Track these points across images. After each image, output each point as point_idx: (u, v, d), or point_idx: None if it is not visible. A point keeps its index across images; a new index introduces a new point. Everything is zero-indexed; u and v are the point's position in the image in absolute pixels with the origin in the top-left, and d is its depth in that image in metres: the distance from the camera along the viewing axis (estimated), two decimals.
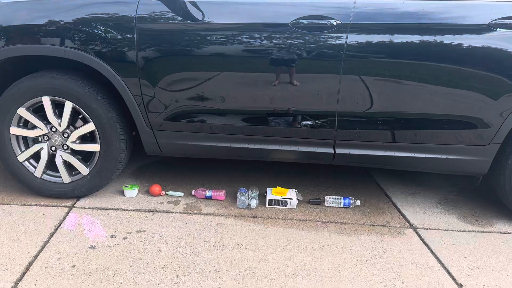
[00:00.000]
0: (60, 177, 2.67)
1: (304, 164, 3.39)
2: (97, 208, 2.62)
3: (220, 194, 2.83)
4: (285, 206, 2.77)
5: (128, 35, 2.38)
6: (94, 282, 1.94)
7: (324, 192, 2.97)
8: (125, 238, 2.31)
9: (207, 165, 3.34)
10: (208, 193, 2.82)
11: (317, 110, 2.49)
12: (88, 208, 2.62)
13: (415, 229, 2.60)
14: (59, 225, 2.41)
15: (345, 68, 2.36)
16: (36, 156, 2.67)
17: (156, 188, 2.83)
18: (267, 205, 2.76)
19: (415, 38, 2.31)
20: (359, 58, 2.36)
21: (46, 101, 2.51)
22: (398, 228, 2.59)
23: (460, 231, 2.60)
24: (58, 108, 2.58)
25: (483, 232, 2.61)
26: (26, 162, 2.67)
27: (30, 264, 2.05)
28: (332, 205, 2.82)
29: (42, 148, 2.62)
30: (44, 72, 2.52)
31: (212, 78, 2.44)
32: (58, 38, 2.40)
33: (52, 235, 2.30)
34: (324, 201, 2.84)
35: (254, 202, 2.74)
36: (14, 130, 2.59)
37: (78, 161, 2.63)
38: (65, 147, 2.62)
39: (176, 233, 2.39)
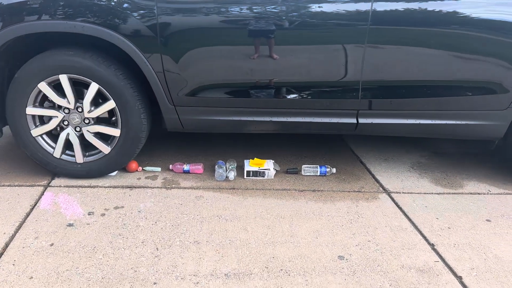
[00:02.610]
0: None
1: (280, 134, 3.41)
2: (73, 186, 2.59)
3: (198, 167, 2.84)
4: (263, 176, 2.80)
5: (149, 9, 2.30)
6: (74, 259, 1.94)
7: (301, 162, 3.01)
8: (103, 214, 2.31)
9: (184, 139, 3.32)
10: (186, 167, 2.82)
11: (342, 80, 2.49)
12: (64, 186, 2.59)
13: (389, 193, 2.67)
14: (35, 204, 2.38)
15: (370, 37, 2.36)
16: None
17: (132, 164, 2.81)
18: (245, 177, 2.79)
19: (441, 7, 2.33)
20: (385, 26, 2.36)
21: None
22: (372, 193, 2.67)
23: (432, 193, 2.69)
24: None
25: (454, 193, 2.71)
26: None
27: (7, 245, 2.03)
28: (308, 174, 2.86)
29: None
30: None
31: (237, 51, 2.42)
32: (76, 13, 2.31)
33: (28, 214, 2.28)
34: (301, 170, 2.88)
35: (232, 174, 2.75)
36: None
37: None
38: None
39: (155, 207, 2.39)
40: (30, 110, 2.50)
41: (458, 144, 3.49)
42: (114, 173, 2.76)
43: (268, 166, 2.82)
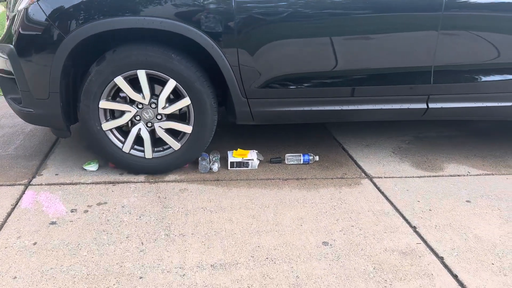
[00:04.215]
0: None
1: (263, 124, 3.41)
2: (54, 184, 2.56)
3: None
4: (247, 167, 2.80)
5: (226, 3, 2.34)
6: (58, 257, 1.93)
7: (284, 151, 3.02)
8: (86, 211, 2.29)
9: None
10: None
11: (414, 66, 2.56)
12: (45, 184, 2.56)
13: (371, 178, 2.71)
14: (16, 204, 2.34)
15: (443, 23, 2.44)
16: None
17: None
18: (229, 168, 2.79)
19: None
20: (457, 13, 2.46)
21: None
22: (355, 179, 2.70)
23: (413, 177, 2.74)
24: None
25: (435, 176, 2.75)
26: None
27: None
28: (292, 162, 2.88)
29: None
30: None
31: (309, 43, 2.47)
32: (154, 9, 2.32)
33: (9, 214, 2.25)
34: (284, 159, 2.89)
35: (216, 166, 2.75)
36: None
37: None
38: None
39: (139, 202, 2.38)
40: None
41: (438, 127, 3.54)
42: (96, 169, 2.74)
43: (252, 156, 2.83)
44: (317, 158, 2.91)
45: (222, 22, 2.36)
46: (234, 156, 2.82)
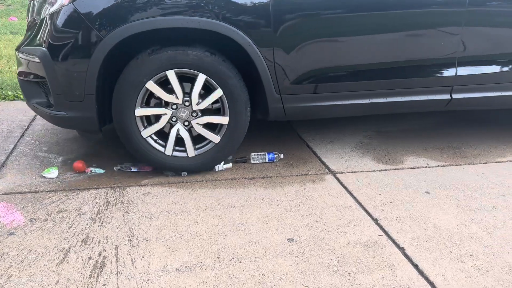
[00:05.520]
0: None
1: None
2: (12, 193, 2.47)
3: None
4: (214, 169, 2.79)
5: (263, 1, 2.39)
6: (17, 268, 1.87)
7: (250, 150, 3.03)
8: (46, 220, 2.22)
9: None
10: (134, 168, 2.76)
11: (439, 57, 2.70)
12: (3, 194, 2.47)
13: (334, 174, 2.76)
14: None
15: (468, 18, 2.61)
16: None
17: (79, 164, 2.73)
18: None
19: None
20: (479, 8, 2.63)
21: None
22: (319, 175, 2.74)
23: (374, 171, 2.81)
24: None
25: (395, 169, 2.83)
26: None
27: None
28: (257, 161, 2.89)
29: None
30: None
31: (345, 39, 2.59)
32: (193, 8, 2.37)
33: None
34: (250, 159, 2.90)
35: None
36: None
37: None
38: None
39: (101, 208, 2.33)
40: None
41: (398, 122, 3.64)
42: (55, 175, 2.67)
43: None
44: (282, 156, 2.94)
45: (259, 20, 2.43)
46: None
